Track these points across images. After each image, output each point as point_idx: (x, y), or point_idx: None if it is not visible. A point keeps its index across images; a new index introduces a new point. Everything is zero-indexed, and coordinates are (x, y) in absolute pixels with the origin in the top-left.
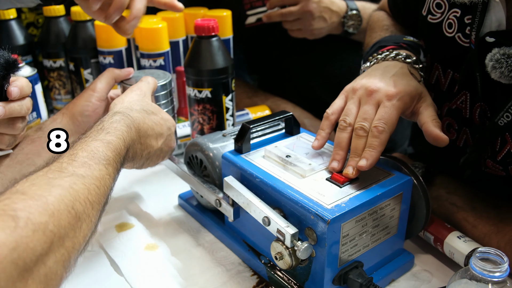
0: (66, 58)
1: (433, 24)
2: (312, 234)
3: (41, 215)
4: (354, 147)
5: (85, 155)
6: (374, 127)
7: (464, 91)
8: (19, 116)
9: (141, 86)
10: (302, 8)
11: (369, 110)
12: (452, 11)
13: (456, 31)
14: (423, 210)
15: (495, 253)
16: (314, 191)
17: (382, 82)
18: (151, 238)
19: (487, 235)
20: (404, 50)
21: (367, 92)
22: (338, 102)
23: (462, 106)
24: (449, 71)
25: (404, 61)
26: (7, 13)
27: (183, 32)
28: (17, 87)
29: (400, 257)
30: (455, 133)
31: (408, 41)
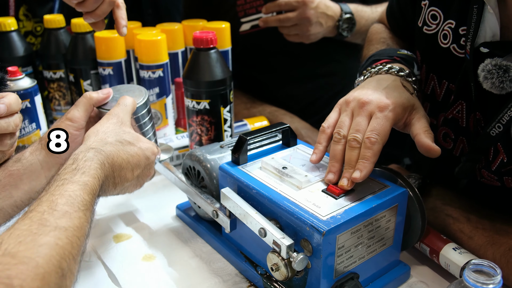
0: (66, 69)
1: (428, 35)
2: (308, 245)
3: (33, 280)
4: (348, 158)
5: (64, 202)
6: (367, 138)
7: (460, 100)
8: (7, 133)
9: (117, 113)
10: (300, 14)
11: (362, 121)
12: (447, 22)
13: (451, 42)
14: (419, 221)
15: (489, 265)
16: (310, 203)
17: (374, 94)
18: (148, 249)
19: (482, 247)
20: (398, 63)
21: (359, 104)
22: (333, 115)
23: (458, 115)
24: (444, 82)
25: (397, 74)
26: (7, 24)
27: (182, 43)
28: (4, 104)
29: (396, 268)
30: (452, 142)
31: (402, 55)
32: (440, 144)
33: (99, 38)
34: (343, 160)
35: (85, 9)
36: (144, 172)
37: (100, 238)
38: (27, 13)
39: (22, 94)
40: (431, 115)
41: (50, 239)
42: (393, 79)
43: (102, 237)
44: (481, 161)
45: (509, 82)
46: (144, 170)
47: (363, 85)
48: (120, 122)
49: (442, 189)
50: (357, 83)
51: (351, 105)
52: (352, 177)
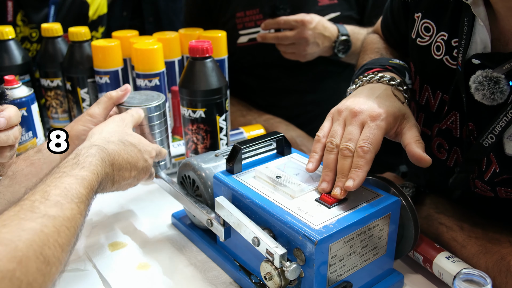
0: (63, 78)
1: (421, 46)
2: (301, 254)
3: (9, 262)
4: (340, 167)
5: (57, 193)
6: (359, 147)
7: (454, 111)
8: (6, 145)
9: (124, 117)
10: (298, 34)
11: (354, 130)
12: (439, 34)
13: (444, 54)
14: (412, 230)
15: (479, 274)
16: (303, 212)
17: (366, 104)
18: (143, 257)
19: (475, 255)
20: (389, 72)
21: (351, 113)
22: (326, 124)
23: (452, 126)
24: (438, 93)
25: (388, 83)
26: (6, 33)
27: (178, 52)
28: (4, 118)
29: (390, 277)
30: (446, 153)
31: (394, 64)
32: (434, 155)
33: (96, 47)
34: (336, 169)
35: None
36: (140, 174)
37: (95, 246)
38: (24, 19)
39: (19, 102)
40: (426, 126)
41: (35, 225)
42: (384, 88)
43: (97, 245)
44: (474, 171)
45: (499, 93)
46: (140, 171)
47: (355, 94)
48: (124, 124)
49: (435, 197)
50: (349, 91)
51: (343, 114)
52: (345, 186)
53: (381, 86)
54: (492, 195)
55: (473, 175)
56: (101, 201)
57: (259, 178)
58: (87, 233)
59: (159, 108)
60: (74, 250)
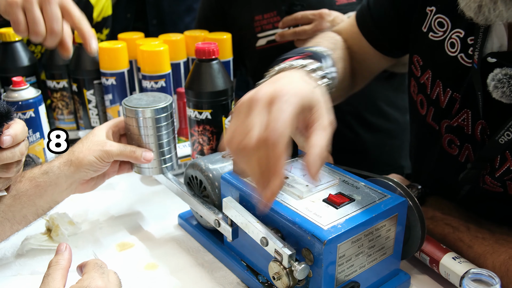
0: (69, 79)
1: (434, 41)
2: (309, 254)
3: None
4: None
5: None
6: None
7: (466, 109)
8: (12, 162)
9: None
10: (316, 27)
11: (254, 118)
12: (455, 31)
13: (459, 51)
14: (419, 231)
15: (487, 274)
16: (311, 212)
17: (264, 89)
18: (151, 258)
19: (482, 256)
20: (306, 59)
21: (249, 104)
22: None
23: (463, 123)
24: (448, 90)
25: (301, 68)
26: (12, 35)
27: (184, 54)
28: (10, 136)
29: (397, 277)
30: (457, 149)
31: (311, 50)
32: (445, 150)
33: (102, 49)
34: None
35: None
36: None
37: (103, 246)
38: None
39: (26, 104)
40: (434, 120)
41: None
42: (293, 73)
43: (105, 245)
44: (486, 168)
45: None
46: None
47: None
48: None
49: (440, 199)
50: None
51: (240, 108)
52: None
53: (289, 73)
54: (501, 191)
55: (484, 171)
56: (108, 202)
57: None
58: (94, 234)
59: (167, 109)
60: (82, 250)
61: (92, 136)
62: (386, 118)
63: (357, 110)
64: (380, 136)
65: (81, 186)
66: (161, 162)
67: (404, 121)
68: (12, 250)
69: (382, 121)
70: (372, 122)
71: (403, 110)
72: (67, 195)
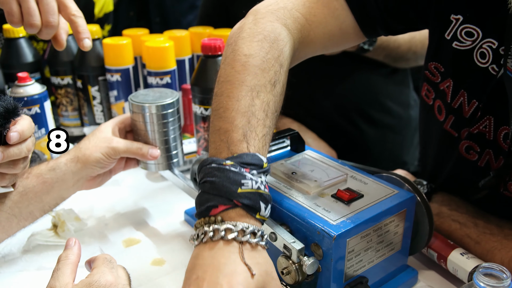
0: (74, 76)
1: (460, 51)
2: (318, 249)
3: None
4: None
5: None
6: None
7: (488, 116)
8: (19, 158)
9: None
10: None
11: None
12: (486, 40)
13: (491, 62)
14: (426, 227)
15: (498, 268)
16: (320, 208)
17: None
18: (157, 254)
19: (490, 252)
20: (240, 211)
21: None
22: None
23: (485, 130)
24: (474, 101)
25: (241, 243)
26: (16, 31)
27: (189, 50)
28: (16, 132)
29: (404, 273)
30: (477, 155)
31: (245, 196)
32: (462, 156)
33: (107, 45)
34: None
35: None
36: None
37: (109, 243)
38: None
39: (32, 100)
40: (453, 128)
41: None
42: (232, 258)
43: (111, 241)
44: (510, 175)
45: None
46: None
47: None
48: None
49: (447, 195)
50: (192, 241)
51: None
52: None
53: (227, 257)
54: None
55: (507, 178)
56: (114, 198)
57: (274, 174)
58: (100, 230)
59: (173, 105)
60: (88, 247)
61: (98, 132)
62: (389, 113)
63: (360, 106)
64: (383, 132)
65: (88, 183)
66: (167, 158)
67: (407, 116)
68: (18, 246)
69: (385, 116)
70: (375, 118)
71: (405, 106)
72: (73, 191)
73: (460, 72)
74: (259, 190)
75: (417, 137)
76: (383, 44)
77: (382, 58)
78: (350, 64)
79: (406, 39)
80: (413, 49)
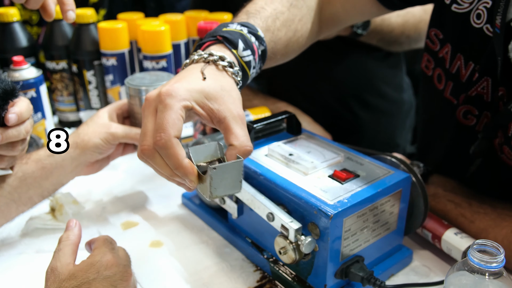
0: (69, 60)
1: (458, 14)
2: (315, 229)
3: None
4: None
5: None
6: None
7: (486, 77)
8: (18, 140)
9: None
10: None
11: (147, 123)
12: (482, 1)
13: (485, 22)
14: (421, 207)
15: (492, 245)
16: (317, 188)
17: (154, 92)
18: (155, 236)
19: (484, 230)
20: (220, 45)
21: (143, 108)
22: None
23: (483, 91)
24: (471, 63)
25: (214, 63)
26: (10, 15)
27: (184, 34)
28: (15, 114)
29: (399, 252)
30: (475, 118)
31: (227, 32)
32: (460, 122)
33: (102, 29)
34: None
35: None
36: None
37: (107, 225)
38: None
39: (28, 84)
40: (452, 95)
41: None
42: (194, 69)
43: (109, 224)
44: (499, 137)
45: None
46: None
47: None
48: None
49: (443, 177)
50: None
51: (142, 111)
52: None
53: (192, 68)
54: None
55: (500, 140)
56: (111, 182)
57: (271, 156)
58: (98, 213)
59: None
60: (86, 229)
61: (96, 118)
62: (382, 97)
63: (355, 89)
64: (377, 116)
65: (86, 168)
66: None
67: (400, 100)
68: (17, 229)
69: (379, 100)
70: (370, 101)
71: (399, 89)
72: (72, 177)
73: (458, 35)
74: (241, 31)
75: (409, 120)
76: (377, 28)
77: (375, 42)
78: (345, 48)
79: (400, 23)
80: (406, 33)
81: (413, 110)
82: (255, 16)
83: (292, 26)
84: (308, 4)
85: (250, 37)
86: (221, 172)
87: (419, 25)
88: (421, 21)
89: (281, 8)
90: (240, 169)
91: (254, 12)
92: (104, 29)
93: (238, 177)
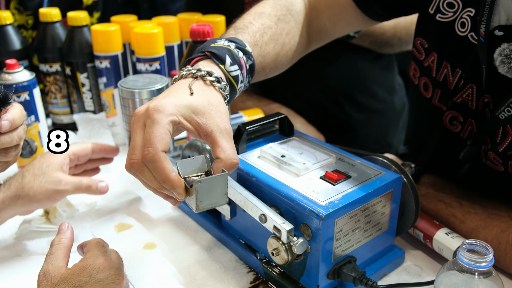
0: (63, 63)
1: (443, 23)
2: (307, 230)
3: None
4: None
5: None
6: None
7: (471, 84)
8: (11, 146)
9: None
10: None
11: (136, 137)
12: (466, 10)
13: (469, 30)
14: (413, 207)
15: (481, 244)
16: (308, 189)
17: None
18: (149, 238)
19: (474, 230)
20: (208, 60)
21: (132, 122)
22: None
23: (468, 98)
24: (458, 71)
25: (202, 79)
26: (3, 18)
27: (177, 37)
28: (7, 121)
29: (391, 252)
30: (460, 125)
31: (215, 48)
32: (446, 128)
33: (95, 32)
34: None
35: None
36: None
37: (101, 227)
38: (18, 7)
39: (21, 87)
40: (441, 102)
41: None
42: (182, 84)
43: (103, 227)
44: (487, 143)
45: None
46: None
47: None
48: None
49: (434, 177)
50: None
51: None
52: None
53: (180, 83)
54: (501, 170)
55: (486, 147)
56: None
57: (264, 157)
58: (92, 215)
59: (163, 90)
60: (80, 232)
61: (46, 166)
62: (374, 97)
63: (347, 90)
64: (368, 116)
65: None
66: None
67: (391, 100)
68: (11, 232)
69: (371, 100)
70: (361, 101)
71: (390, 90)
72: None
73: (443, 44)
74: (228, 47)
75: (402, 120)
76: (369, 31)
77: (367, 44)
78: (337, 49)
79: (391, 25)
80: (397, 35)
81: (405, 111)
82: (243, 32)
83: (280, 40)
84: (295, 18)
85: (238, 52)
86: (206, 185)
87: (411, 27)
88: (412, 24)
89: (268, 23)
90: (225, 182)
91: (242, 28)
92: (97, 32)
93: (223, 189)
